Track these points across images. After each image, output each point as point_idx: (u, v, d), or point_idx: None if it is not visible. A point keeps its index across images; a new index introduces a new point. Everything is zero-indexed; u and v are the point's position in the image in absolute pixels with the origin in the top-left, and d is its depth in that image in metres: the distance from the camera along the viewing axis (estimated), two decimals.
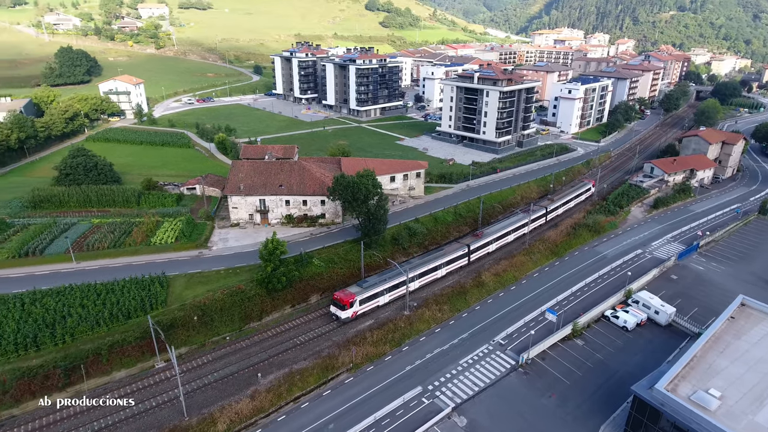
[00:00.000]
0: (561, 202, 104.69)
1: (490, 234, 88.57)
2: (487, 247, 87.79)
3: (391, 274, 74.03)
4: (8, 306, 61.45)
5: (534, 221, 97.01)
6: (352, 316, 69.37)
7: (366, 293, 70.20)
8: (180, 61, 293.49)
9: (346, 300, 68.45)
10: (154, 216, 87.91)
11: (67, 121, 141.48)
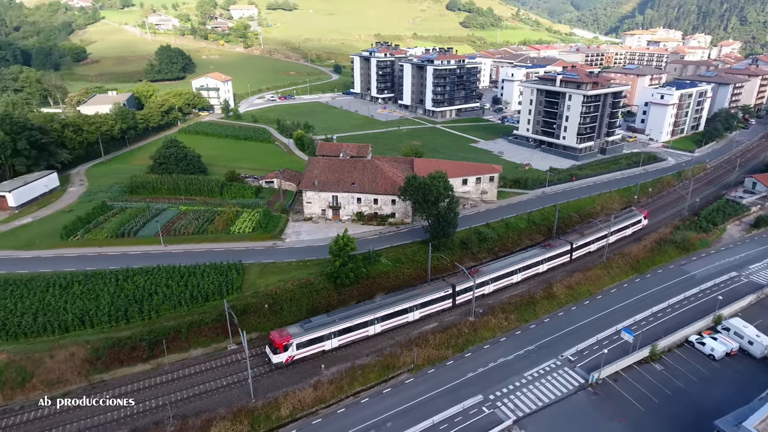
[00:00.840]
0: (594, 236, 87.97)
1: (489, 272, 75.18)
2: (482, 288, 73.86)
3: (351, 314, 64.17)
4: (105, 281, 67.70)
5: (552, 259, 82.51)
6: (286, 362, 59.66)
7: (306, 336, 60.22)
8: (265, 60, 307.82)
9: (279, 342, 58.95)
10: (234, 206, 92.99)
11: (163, 114, 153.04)
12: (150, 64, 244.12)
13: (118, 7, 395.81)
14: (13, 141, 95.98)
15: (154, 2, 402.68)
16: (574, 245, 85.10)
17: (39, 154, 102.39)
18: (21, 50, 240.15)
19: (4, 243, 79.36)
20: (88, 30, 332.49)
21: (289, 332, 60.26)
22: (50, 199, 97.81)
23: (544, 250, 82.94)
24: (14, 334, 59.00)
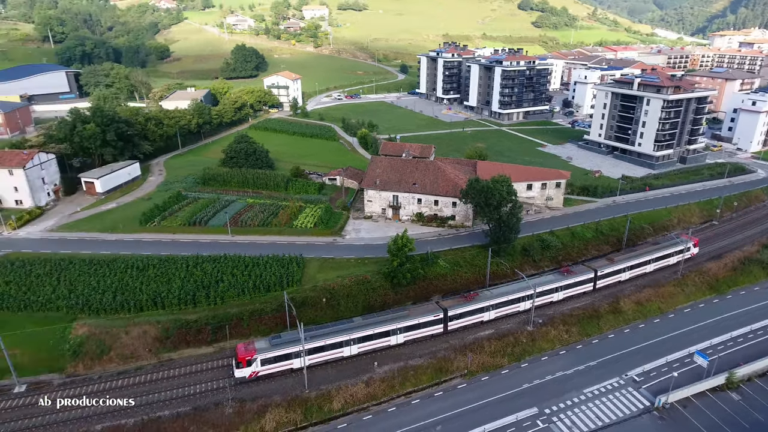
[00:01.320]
0: (626, 264, 78.43)
1: (491, 297, 68.55)
2: (475, 316, 67.40)
3: (324, 332, 60.33)
4: (177, 266, 71.94)
5: (570, 287, 74.03)
6: (250, 377, 56.99)
7: (272, 352, 57.11)
8: (334, 59, 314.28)
9: (242, 357, 56.24)
10: (298, 201, 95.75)
11: (236, 111, 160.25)
12: (226, 63, 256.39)
13: (200, 8, 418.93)
14: (103, 132, 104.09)
15: (232, 3, 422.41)
16: (598, 273, 75.95)
17: (124, 145, 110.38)
18: (113, 48, 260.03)
19: (92, 225, 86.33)
20: (172, 30, 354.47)
21: (255, 346, 57.53)
22: (132, 187, 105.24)
23: (560, 276, 74.50)
24: (96, 310, 64.04)
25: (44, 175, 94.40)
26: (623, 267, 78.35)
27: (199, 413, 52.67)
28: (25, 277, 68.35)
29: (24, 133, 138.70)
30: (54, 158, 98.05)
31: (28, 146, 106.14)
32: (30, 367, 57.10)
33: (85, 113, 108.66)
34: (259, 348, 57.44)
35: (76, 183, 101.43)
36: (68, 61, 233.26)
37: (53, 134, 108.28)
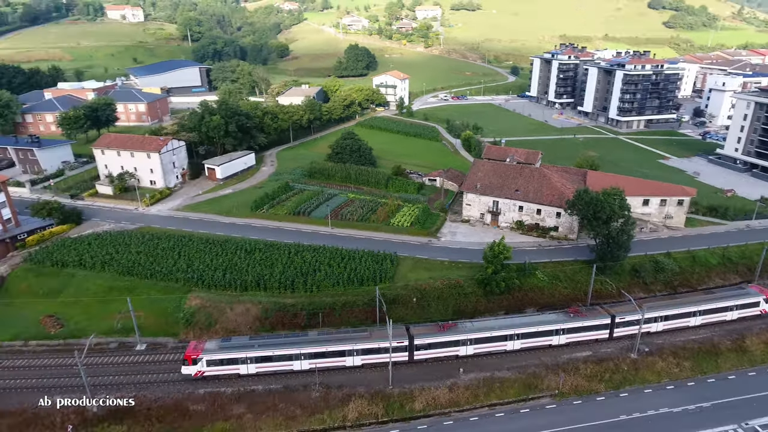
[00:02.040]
0: (660, 313, 65.70)
1: (465, 331, 61.28)
2: (448, 349, 60.55)
3: (274, 342, 59.10)
4: (280, 252, 76.53)
5: (575, 331, 63.47)
6: (196, 375, 56.72)
7: (218, 355, 56.73)
8: (443, 60, 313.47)
9: (188, 355, 56.43)
10: (396, 200, 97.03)
11: (345, 108, 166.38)
12: (339, 62, 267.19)
13: (319, 9, 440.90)
14: (226, 124, 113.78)
15: (349, 4, 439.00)
16: (617, 320, 64.28)
17: (243, 136, 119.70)
18: (240, 47, 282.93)
19: (210, 208, 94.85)
20: (293, 30, 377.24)
21: (204, 347, 57.52)
22: (247, 175, 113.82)
23: (565, 317, 64.42)
24: (207, 285, 70.29)
25: (175, 159, 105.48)
26: (655, 316, 65.55)
27: (288, 392, 55.67)
28: (153, 249, 76.93)
29: (161, 121, 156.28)
30: (184, 145, 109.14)
31: (163, 133, 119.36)
32: (150, 329, 64.23)
33: (212, 106, 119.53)
34: (207, 349, 57.41)
35: (200, 168, 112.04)
36: (202, 58, 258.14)
37: (185, 123, 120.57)
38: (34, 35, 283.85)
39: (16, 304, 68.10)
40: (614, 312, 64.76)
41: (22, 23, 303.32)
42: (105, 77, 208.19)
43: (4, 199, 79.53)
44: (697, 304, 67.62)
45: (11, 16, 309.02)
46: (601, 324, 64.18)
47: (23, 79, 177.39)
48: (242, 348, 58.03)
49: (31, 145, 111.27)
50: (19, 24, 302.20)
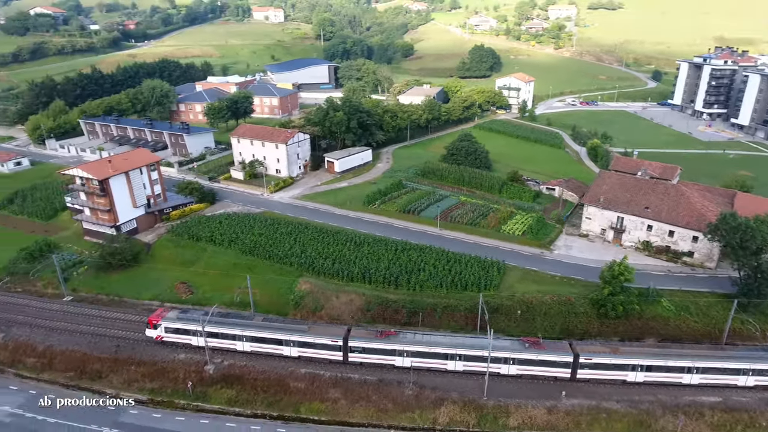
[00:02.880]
0: (638, 361, 56.47)
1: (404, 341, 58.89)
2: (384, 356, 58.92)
3: (222, 321, 62.08)
4: (387, 248, 78.06)
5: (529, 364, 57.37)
6: (157, 339, 63.19)
7: (174, 324, 62.34)
8: (574, 62, 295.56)
9: (151, 319, 63.21)
10: (509, 206, 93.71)
11: (464, 109, 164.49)
12: (462, 62, 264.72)
13: (447, 10, 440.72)
14: (348, 120, 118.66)
15: (477, 4, 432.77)
16: (581, 360, 56.57)
17: (363, 133, 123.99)
18: (367, 46, 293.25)
19: (326, 199, 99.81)
20: (419, 30, 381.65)
21: (166, 315, 63.46)
22: (362, 170, 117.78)
23: (519, 346, 58.57)
24: (317, 272, 74.10)
25: (299, 151, 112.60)
26: (631, 363, 56.53)
27: (383, 385, 56.68)
28: (273, 233, 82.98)
29: (290, 115, 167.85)
30: (308, 138, 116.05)
31: (291, 126, 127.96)
32: (263, 306, 69.33)
33: (337, 102, 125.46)
34: (167, 317, 63.20)
35: (320, 161, 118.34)
36: (332, 56, 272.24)
37: (311, 118, 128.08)
38: (192, 34, 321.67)
39: (158, 269, 77.88)
40: (579, 351, 57.45)
41: (183, 23, 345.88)
42: (246, 72, 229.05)
43: (157, 176, 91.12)
44: (698, 360, 56.59)
45: (175, 17, 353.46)
46: (560, 361, 57.21)
47: (180, 73, 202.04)
48: (194, 322, 61.78)
49: (181, 131, 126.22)
50: (181, 24, 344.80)
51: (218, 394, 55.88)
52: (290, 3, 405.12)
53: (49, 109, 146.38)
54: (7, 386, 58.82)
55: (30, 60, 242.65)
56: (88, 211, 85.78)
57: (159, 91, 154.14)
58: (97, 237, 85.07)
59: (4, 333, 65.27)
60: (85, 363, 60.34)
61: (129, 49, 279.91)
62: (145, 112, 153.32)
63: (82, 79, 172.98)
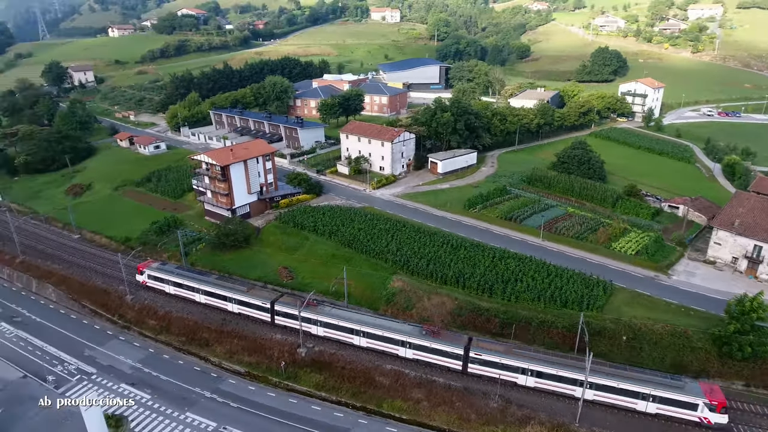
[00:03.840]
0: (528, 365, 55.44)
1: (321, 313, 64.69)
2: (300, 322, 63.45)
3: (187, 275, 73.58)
4: (484, 254, 75.96)
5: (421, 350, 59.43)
6: (143, 283, 75.76)
7: (154, 272, 74.53)
8: (714, 67, 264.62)
9: (139, 266, 76.11)
10: (623, 222, 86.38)
11: (580, 115, 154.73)
12: (582, 65, 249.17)
13: (570, 9, 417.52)
14: (455, 121, 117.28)
15: (605, 4, 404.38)
16: (471, 354, 57.25)
17: (469, 135, 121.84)
18: (481, 47, 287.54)
19: (427, 199, 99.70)
20: (538, 30, 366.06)
21: (150, 265, 75.80)
22: (466, 173, 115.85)
23: (415, 330, 60.69)
24: (411, 271, 74.31)
25: (404, 150, 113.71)
26: (521, 366, 55.55)
27: (467, 394, 55.43)
28: (371, 228, 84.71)
29: (398, 114, 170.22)
30: (413, 138, 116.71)
31: (398, 125, 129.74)
32: (356, 298, 71.13)
33: (445, 103, 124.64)
34: (150, 266, 75.62)
35: (424, 161, 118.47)
36: (444, 57, 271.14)
37: (418, 118, 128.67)
38: (313, 34, 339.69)
39: (264, 253, 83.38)
40: (472, 346, 58.15)
41: (306, 24, 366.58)
42: (360, 71, 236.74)
43: (271, 166, 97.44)
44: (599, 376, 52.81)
45: (299, 18, 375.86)
46: (452, 352, 58.17)
47: (300, 70, 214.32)
48: (168, 273, 74.19)
49: (296, 125, 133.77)
50: (305, 24, 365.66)
51: (307, 377, 58.41)
52: (407, 4, 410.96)
53: (185, 100, 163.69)
54: (132, 342, 66.85)
55: (174, 56, 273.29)
56: (209, 193, 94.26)
57: (279, 87, 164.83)
58: (216, 218, 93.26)
59: (133, 295, 74.12)
60: (195, 331, 66.53)
61: (257, 47, 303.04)
62: (265, 106, 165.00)
63: (215, 74, 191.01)
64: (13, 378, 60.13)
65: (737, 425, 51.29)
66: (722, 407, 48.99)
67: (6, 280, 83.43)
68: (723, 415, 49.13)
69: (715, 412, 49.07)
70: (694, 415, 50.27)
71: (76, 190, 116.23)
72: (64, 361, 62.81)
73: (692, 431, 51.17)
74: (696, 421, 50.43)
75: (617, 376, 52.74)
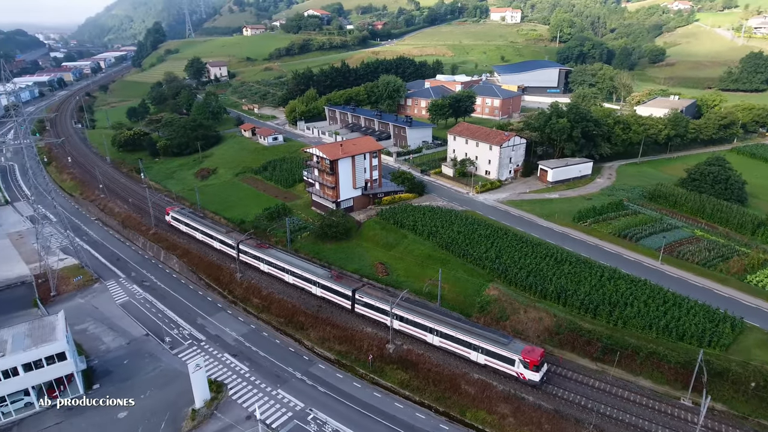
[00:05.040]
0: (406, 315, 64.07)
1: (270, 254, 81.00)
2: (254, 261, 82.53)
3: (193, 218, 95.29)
4: (591, 272, 70.59)
5: (324, 288, 72.80)
6: (168, 223, 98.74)
7: (175, 215, 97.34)
8: None
9: (168, 209, 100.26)
10: (764, 253, 75.23)
11: (720, 128, 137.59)
12: (728, 72, 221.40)
13: (718, 9, 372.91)
14: (571, 128, 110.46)
15: (762, 2, 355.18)
16: (356, 296, 68.47)
17: (586, 143, 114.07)
18: (607, 50, 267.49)
19: (532, 208, 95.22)
20: (677, 32, 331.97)
21: (174, 209, 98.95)
22: (578, 183, 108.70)
23: (326, 275, 73.30)
24: (509, 281, 71.45)
25: (512, 155, 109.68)
26: (384, 308, 64.43)
27: (559, 418, 51.82)
28: (471, 233, 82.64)
29: (510, 117, 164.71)
30: (524, 143, 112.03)
31: (509, 129, 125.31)
32: (449, 302, 69.88)
33: (562, 108, 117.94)
34: (174, 209, 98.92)
35: (533, 168, 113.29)
36: (565, 59, 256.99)
37: (531, 122, 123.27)
38: (430, 34, 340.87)
39: (363, 246, 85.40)
40: (356, 288, 69.16)
41: (424, 24, 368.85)
42: (473, 72, 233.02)
43: (377, 163, 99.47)
44: (440, 323, 61.85)
45: (417, 18, 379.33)
46: (342, 292, 69.84)
47: (413, 70, 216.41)
48: (184, 215, 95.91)
49: (404, 124, 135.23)
50: (422, 25, 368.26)
51: (393, 374, 58.79)
52: (529, 4, 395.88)
53: (304, 96, 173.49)
54: (237, 317, 72.32)
55: (298, 54, 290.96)
56: (317, 185, 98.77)
57: (392, 86, 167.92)
58: (321, 209, 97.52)
59: (241, 274, 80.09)
60: (293, 314, 70.18)
61: (374, 46, 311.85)
62: (377, 104, 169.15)
63: (333, 72, 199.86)
64: (138, 335, 68.24)
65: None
66: (533, 365, 55.07)
67: (141, 249, 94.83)
68: (535, 373, 55.25)
69: (528, 369, 55.26)
70: (512, 370, 56.79)
71: (204, 173, 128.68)
72: (180, 326, 69.80)
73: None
74: (514, 375, 56.91)
75: (457, 327, 60.70)
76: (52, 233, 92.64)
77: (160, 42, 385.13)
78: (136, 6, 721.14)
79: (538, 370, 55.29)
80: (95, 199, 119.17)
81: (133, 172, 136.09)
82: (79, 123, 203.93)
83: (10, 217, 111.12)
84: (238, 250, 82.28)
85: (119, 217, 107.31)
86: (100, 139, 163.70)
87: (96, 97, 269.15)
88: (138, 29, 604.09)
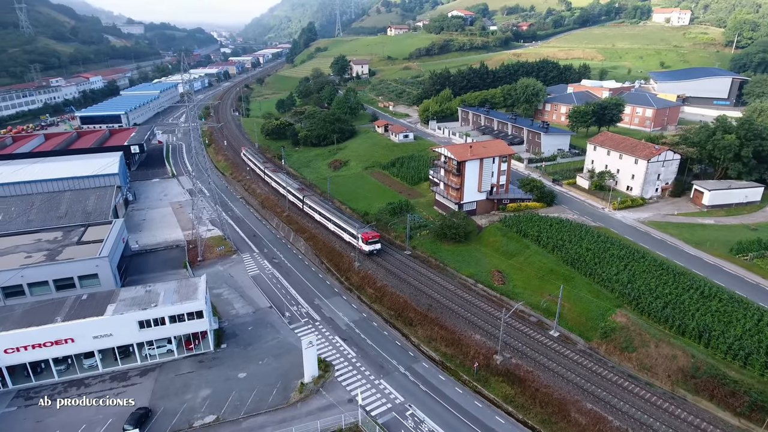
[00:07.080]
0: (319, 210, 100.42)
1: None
2: None
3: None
4: (746, 313, 60.70)
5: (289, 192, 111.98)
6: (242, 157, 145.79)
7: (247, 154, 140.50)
8: None
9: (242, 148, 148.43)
10: None
11: None
12: None
13: None
14: (740, 146, 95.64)
15: None
16: (305, 201, 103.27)
17: (756, 165, 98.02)
18: None
19: (679, 233, 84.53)
20: None
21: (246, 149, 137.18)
22: (741, 210, 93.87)
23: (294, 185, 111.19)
24: (641, 309, 64.41)
25: (661, 171, 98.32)
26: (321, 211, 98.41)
27: None
28: (602, 252, 75.94)
29: (664, 129, 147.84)
30: (677, 159, 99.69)
31: (661, 142, 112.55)
32: (568, 322, 65.20)
33: (730, 123, 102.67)
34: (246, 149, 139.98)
35: (685, 188, 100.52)
36: (741, 67, 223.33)
37: (689, 137, 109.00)
38: (579, 36, 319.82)
39: (481, 252, 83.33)
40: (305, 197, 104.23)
41: (573, 25, 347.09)
42: (625, 79, 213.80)
43: (506, 168, 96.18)
44: (326, 210, 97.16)
45: (567, 19, 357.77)
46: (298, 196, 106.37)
47: (556, 74, 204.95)
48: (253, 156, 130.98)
49: (540, 129, 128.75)
50: (572, 26, 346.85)
51: (498, 386, 56.48)
52: (702, 3, 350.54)
53: (438, 96, 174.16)
54: (351, 304, 75.30)
55: (437, 54, 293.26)
56: (442, 185, 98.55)
57: (531, 90, 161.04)
58: (443, 209, 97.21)
59: (359, 263, 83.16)
60: (404, 308, 70.99)
61: (516, 48, 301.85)
62: (513, 108, 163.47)
63: (470, 73, 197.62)
64: (263, 306, 74.47)
65: None
66: (366, 240, 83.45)
67: (274, 228, 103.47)
68: (367, 246, 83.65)
69: (364, 243, 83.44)
70: (360, 244, 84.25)
71: (336, 164, 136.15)
72: (299, 304, 74.80)
73: None
74: (359, 248, 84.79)
75: (335, 215, 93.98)
76: (204, 206, 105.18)
77: (311, 40, 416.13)
78: (295, 7, 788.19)
79: (369, 245, 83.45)
80: (242, 179, 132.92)
81: (276, 158, 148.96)
82: (236, 111, 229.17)
83: (174, 189, 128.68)
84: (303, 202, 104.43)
85: (259, 197, 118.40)
86: (252, 127, 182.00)
87: (253, 89, 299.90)
88: (294, 28, 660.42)
